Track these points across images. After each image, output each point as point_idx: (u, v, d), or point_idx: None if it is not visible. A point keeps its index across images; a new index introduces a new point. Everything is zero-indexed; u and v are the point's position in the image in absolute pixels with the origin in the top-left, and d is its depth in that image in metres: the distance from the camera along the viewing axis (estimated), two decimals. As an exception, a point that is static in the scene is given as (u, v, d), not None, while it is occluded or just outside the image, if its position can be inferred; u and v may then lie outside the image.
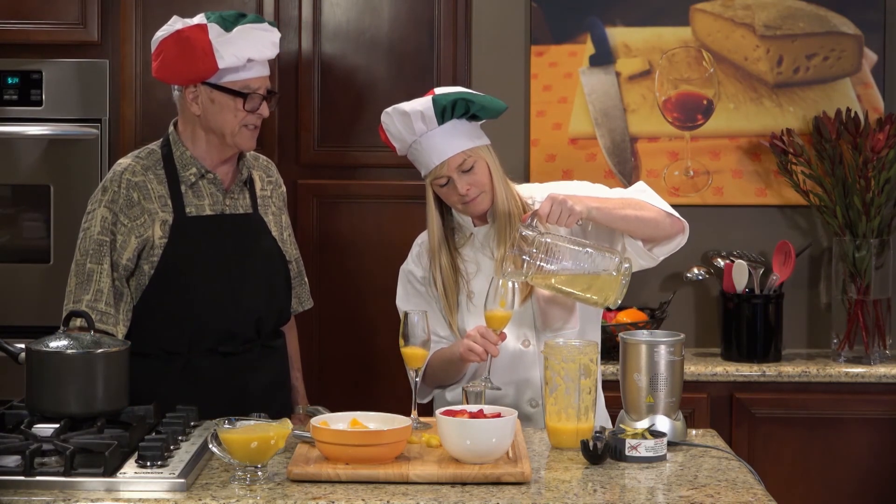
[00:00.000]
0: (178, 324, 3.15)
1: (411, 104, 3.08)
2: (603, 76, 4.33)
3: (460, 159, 3.06)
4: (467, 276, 3.14)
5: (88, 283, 3.11)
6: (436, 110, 3.04)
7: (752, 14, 4.30)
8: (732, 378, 4.00)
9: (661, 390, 2.82)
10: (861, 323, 4.11)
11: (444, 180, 3.08)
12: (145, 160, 3.20)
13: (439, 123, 3.06)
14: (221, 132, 3.15)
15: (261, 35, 3.15)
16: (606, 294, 2.93)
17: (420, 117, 3.05)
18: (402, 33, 4.17)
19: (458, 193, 3.07)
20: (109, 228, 3.13)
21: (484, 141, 3.12)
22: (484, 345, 2.92)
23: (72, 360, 2.70)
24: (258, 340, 3.23)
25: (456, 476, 2.50)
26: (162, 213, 3.15)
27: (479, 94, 3.12)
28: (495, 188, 3.09)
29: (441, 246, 3.14)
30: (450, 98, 3.05)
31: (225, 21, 3.13)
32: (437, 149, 3.06)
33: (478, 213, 3.12)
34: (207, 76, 3.12)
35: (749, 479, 2.57)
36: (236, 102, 3.13)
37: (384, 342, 4.04)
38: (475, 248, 3.16)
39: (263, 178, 3.33)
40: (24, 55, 4.19)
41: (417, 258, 3.20)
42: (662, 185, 4.31)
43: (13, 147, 4.18)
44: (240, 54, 3.10)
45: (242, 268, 3.19)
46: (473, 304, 3.11)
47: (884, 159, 4.10)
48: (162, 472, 2.48)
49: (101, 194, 3.17)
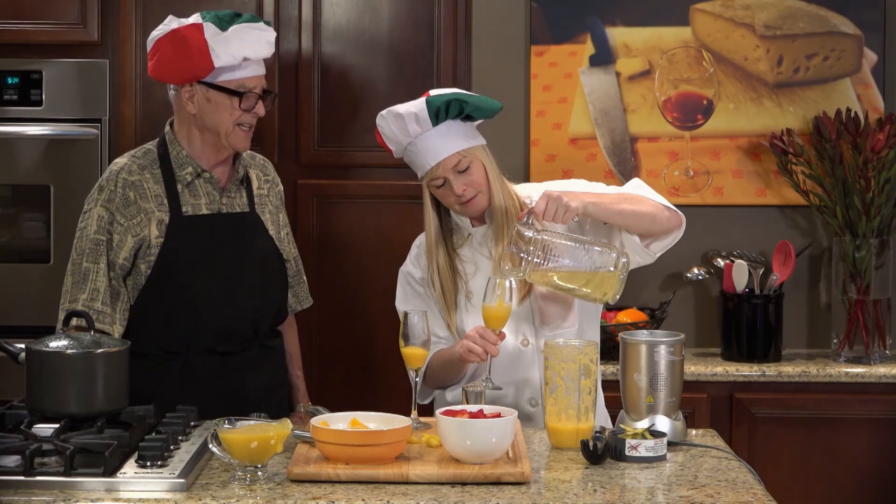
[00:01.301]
0: (175, 323, 3.15)
1: (405, 106, 3.08)
2: (603, 76, 4.33)
3: (455, 160, 3.06)
4: (465, 276, 3.14)
5: (84, 282, 3.11)
6: (430, 112, 3.05)
7: (752, 14, 4.30)
8: (732, 378, 4.00)
9: (661, 390, 2.82)
10: (861, 323, 4.11)
11: (440, 181, 3.08)
12: (141, 159, 3.20)
13: (434, 125, 3.06)
14: (216, 131, 3.16)
15: (257, 34, 3.15)
16: (605, 289, 2.93)
17: (414, 119, 3.05)
18: (402, 33, 4.17)
19: (455, 194, 3.07)
20: (106, 228, 3.13)
21: (479, 141, 3.12)
22: (483, 345, 2.92)
23: (72, 360, 2.70)
24: (256, 340, 3.24)
25: (456, 476, 2.50)
26: (158, 212, 3.15)
27: (473, 94, 3.12)
28: (492, 188, 3.09)
29: (438, 246, 3.14)
30: (443, 99, 3.05)
31: (221, 20, 3.13)
32: (431, 150, 3.06)
33: (475, 213, 3.12)
34: (203, 75, 3.12)
35: (749, 479, 2.58)
36: (232, 101, 3.13)
37: (384, 342, 4.04)
38: (473, 248, 3.16)
39: (260, 177, 3.33)
40: (24, 55, 4.19)
41: (416, 259, 3.20)
42: (662, 185, 4.31)
43: (13, 147, 4.18)
44: (236, 53, 3.10)
45: (239, 266, 3.19)
46: (472, 304, 3.11)
47: (884, 159, 4.10)
48: (162, 472, 2.48)
49: (98, 193, 3.17)
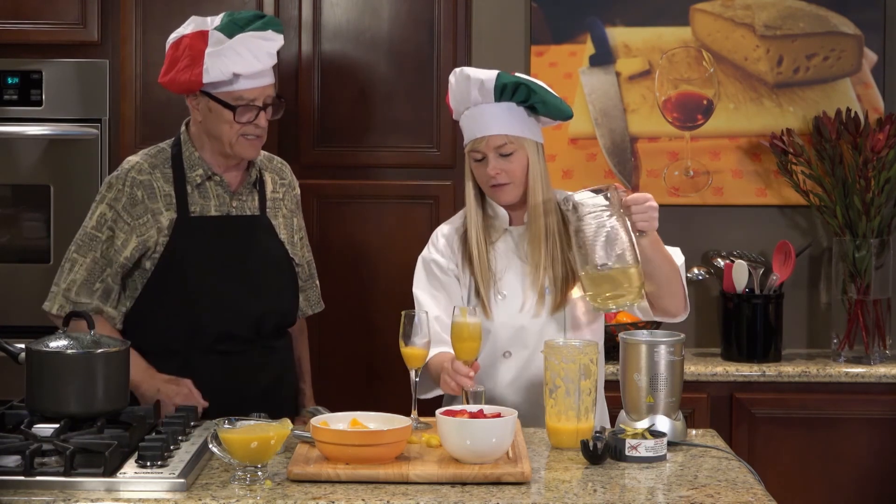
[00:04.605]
0: (174, 322, 3.15)
1: (478, 71, 3.05)
2: (603, 76, 4.33)
3: (501, 141, 3.02)
4: (496, 272, 3.10)
5: (69, 272, 3.16)
6: (496, 85, 3.01)
7: (752, 14, 4.30)
8: (732, 378, 4.00)
9: (661, 390, 2.82)
10: (861, 323, 4.11)
11: (479, 155, 3.05)
12: (154, 158, 3.22)
13: (495, 100, 3.03)
14: (221, 140, 3.15)
15: (258, 45, 3.11)
16: (608, 294, 2.91)
17: (479, 86, 3.02)
18: (402, 33, 4.17)
19: (489, 174, 3.04)
20: (106, 225, 3.14)
21: (535, 137, 3.07)
22: (455, 380, 2.85)
23: (72, 360, 2.70)
24: (258, 341, 3.23)
25: (456, 476, 2.50)
26: (166, 212, 3.16)
27: (548, 90, 3.08)
28: (529, 185, 3.05)
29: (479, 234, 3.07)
30: (514, 80, 3.02)
31: (234, 25, 3.12)
32: (484, 123, 3.03)
33: (503, 202, 3.08)
34: (195, 88, 3.12)
35: (749, 479, 2.58)
36: (229, 114, 3.12)
37: (385, 342, 4.04)
38: (508, 245, 3.12)
39: (276, 181, 3.32)
40: (24, 55, 4.19)
41: (444, 247, 3.13)
42: (662, 185, 4.31)
43: (13, 147, 4.18)
44: (225, 69, 3.07)
45: (243, 269, 3.19)
46: (498, 302, 3.08)
47: (884, 159, 4.10)
48: (162, 472, 2.48)
49: (106, 190, 3.19)
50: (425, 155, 4.13)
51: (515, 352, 3.08)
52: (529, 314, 3.08)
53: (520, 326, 3.07)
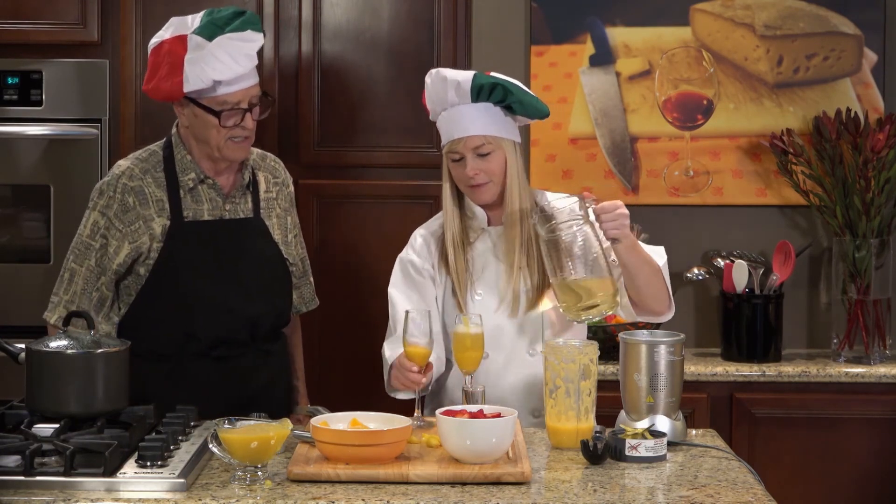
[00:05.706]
0: (167, 327, 3.13)
1: (454, 73, 3.05)
2: (603, 76, 4.33)
3: (479, 141, 3.02)
4: (474, 272, 3.11)
5: (69, 283, 3.14)
6: (472, 86, 3.01)
7: (752, 14, 4.30)
8: (732, 378, 4.00)
9: (661, 390, 2.82)
10: (861, 323, 4.11)
11: (457, 156, 3.05)
12: (145, 162, 3.18)
13: (472, 101, 3.03)
14: (209, 144, 3.13)
15: (237, 47, 3.05)
16: (590, 304, 2.91)
17: (456, 87, 3.02)
18: (402, 33, 4.17)
19: (467, 175, 3.04)
20: (99, 233, 3.12)
21: (512, 136, 3.07)
22: (403, 380, 2.88)
23: (72, 360, 2.70)
24: (253, 344, 3.21)
25: (456, 476, 2.50)
26: (158, 217, 3.13)
27: (525, 89, 3.08)
28: (507, 186, 3.06)
29: (456, 235, 3.08)
30: (490, 80, 3.02)
31: (213, 26, 3.06)
32: (461, 124, 3.03)
33: (481, 201, 3.09)
34: (176, 97, 3.08)
35: (749, 479, 2.58)
36: (215, 119, 3.08)
37: (384, 341, 4.04)
38: (486, 245, 3.12)
39: (269, 180, 3.30)
40: (24, 55, 4.19)
41: (420, 248, 3.15)
42: (662, 185, 4.31)
43: (13, 147, 4.18)
44: (204, 77, 3.03)
45: (237, 273, 3.16)
46: (474, 302, 3.08)
47: (884, 159, 4.10)
48: (162, 472, 2.48)
49: (98, 197, 3.15)
50: (425, 155, 4.13)
51: (493, 354, 3.07)
52: (505, 314, 3.08)
53: (495, 326, 3.06)
